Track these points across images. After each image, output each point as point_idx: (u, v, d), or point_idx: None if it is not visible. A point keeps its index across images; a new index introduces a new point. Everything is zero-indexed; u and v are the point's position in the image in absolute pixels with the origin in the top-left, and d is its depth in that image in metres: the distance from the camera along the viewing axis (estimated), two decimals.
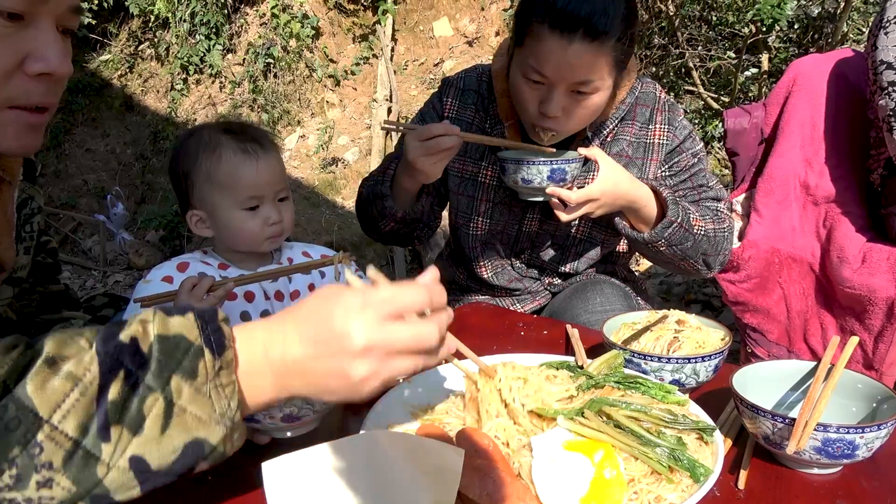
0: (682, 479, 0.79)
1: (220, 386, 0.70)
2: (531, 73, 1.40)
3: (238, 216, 1.36)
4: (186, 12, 5.90)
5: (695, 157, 1.60)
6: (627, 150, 1.59)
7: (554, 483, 0.78)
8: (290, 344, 0.72)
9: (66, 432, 0.64)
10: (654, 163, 1.58)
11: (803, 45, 4.46)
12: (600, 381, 0.98)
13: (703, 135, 4.71)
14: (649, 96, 1.61)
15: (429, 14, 6.18)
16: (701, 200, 1.60)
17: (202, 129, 1.41)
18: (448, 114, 1.65)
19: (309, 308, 0.73)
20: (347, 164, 5.48)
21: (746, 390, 0.90)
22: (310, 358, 0.72)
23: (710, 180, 1.61)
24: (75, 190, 5.88)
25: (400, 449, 0.77)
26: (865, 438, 0.81)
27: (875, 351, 1.73)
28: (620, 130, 1.59)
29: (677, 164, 1.60)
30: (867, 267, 1.72)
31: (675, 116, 1.60)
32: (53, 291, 1.09)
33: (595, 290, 1.52)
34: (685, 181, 1.60)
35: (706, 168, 1.63)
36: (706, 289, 3.47)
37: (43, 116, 0.83)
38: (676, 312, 1.17)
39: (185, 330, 0.70)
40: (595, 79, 1.38)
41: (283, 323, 0.74)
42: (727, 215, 1.60)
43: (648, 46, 5.03)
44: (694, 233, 1.49)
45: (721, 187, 1.63)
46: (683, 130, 1.60)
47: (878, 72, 1.65)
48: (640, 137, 1.59)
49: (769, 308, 1.95)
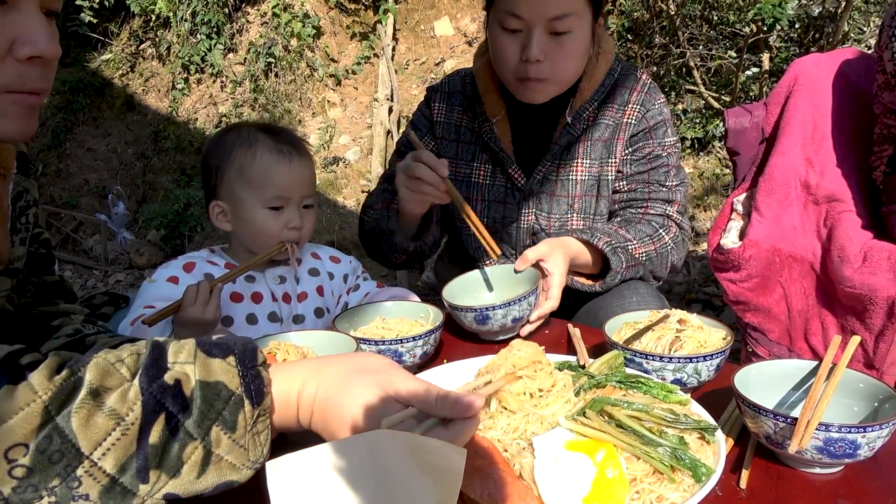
0: (683, 479, 0.79)
1: (256, 434, 0.72)
2: (508, 21, 1.42)
3: (261, 214, 1.38)
4: (188, 11, 5.91)
5: (662, 148, 1.58)
6: (605, 134, 1.59)
7: (556, 483, 0.78)
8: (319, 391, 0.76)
9: (105, 469, 0.65)
10: (620, 142, 1.58)
11: (804, 45, 4.46)
12: (602, 381, 0.98)
13: (703, 134, 4.70)
14: (630, 78, 1.61)
15: (430, 13, 6.18)
16: (650, 201, 1.57)
17: (241, 127, 1.44)
18: (437, 117, 1.67)
19: (342, 391, 0.76)
20: (348, 164, 5.48)
21: (748, 390, 0.90)
22: (332, 432, 0.76)
23: (669, 178, 1.59)
24: (76, 189, 5.88)
25: (402, 448, 0.77)
26: (867, 438, 0.81)
27: (876, 350, 1.73)
28: (601, 114, 1.59)
29: (640, 149, 1.58)
30: (868, 266, 1.72)
31: (652, 100, 1.59)
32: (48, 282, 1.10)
33: (631, 290, 1.51)
34: (642, 173, 1.58)
35: (672, 164, 1.60)
36: (707, 288, 3.47)
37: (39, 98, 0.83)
38: (678, 312, 1.17)
39: (226, 377, 0.71)
40: (569, 11, 1.40)
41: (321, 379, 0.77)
42: (675, 222, 1.58)
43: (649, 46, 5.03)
44: (640, 261, 1.50)
45: (679, 188, 1.60)
46: (658, 116, 1.59)
47: None
48: (615, 119, 1.59)
49: (770, 307, 1.95)
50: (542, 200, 1.62)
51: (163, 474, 0.67)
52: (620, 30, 5.28)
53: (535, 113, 1.59)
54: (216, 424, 0.69)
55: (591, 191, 1.61)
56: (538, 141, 1.61)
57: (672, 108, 4.89)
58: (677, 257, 1.60)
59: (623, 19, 5.30)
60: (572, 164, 1.59)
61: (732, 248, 1.94)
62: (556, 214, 1.61)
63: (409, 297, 1.47)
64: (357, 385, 0.75)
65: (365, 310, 1.30)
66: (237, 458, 0.71)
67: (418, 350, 1.14)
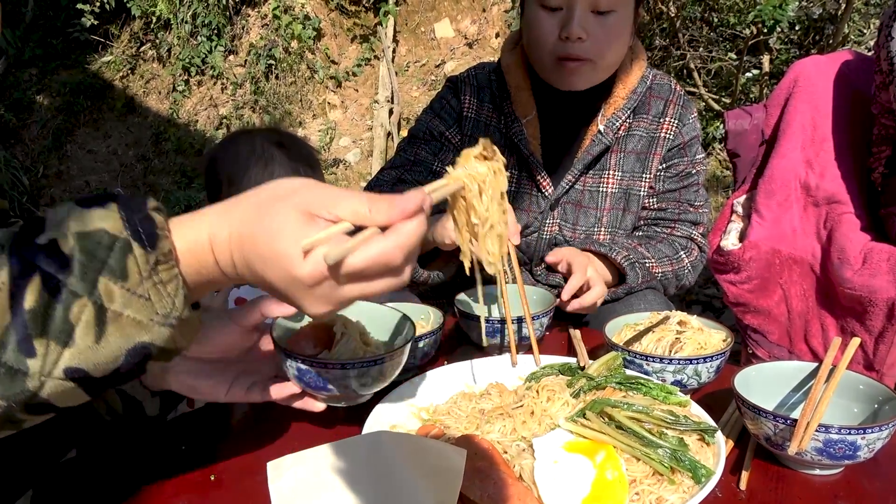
0: (683, 480, 0.79)
1: (160, 284, 0.61)
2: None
3: None
4: (188, 14, 5.91)
5: (693, 166, 1.56)
6: (638, 146, 1.54)
7: (556, 484, 0.78)
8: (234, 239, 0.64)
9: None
10: (657, 157, 1.54)
11: (804, 47, 4.46)
12: (601, 383, 0.98)
13: (704, 136, 4.71)
14: (664, 88, 1.56)
15: (430, 15, 6.19)
16: (678, 221, 1.55)
17: (254, 136, 1.41)
18: (467, 112, 1.58)
19: (256, 223, 0.64)
20: (349, 166, 5.48)
21: (748, 391, 0.90)
22: (251, 276, 0.65)
23: (697, 198, 1.57)
24: (77, 191, 5.88)
25: (402, 449, 0.77)
26: (867, 439, 0.81)
27: (876, 352, 1.73)
28: (634, 124, 1.54)
29: (675, 166, 1.55)
30: (868, 268, 1.72)
31: (688, 114, 1.55)
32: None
33: (639, 296, 1.48)
34: (674, 191, 1.55)
35: (700, 182, 1.57)
36: (707, 290, 3.47)
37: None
38: (678, 314, 1.17)
39: (107, 224, 0.60)
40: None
41: (229, 214, 0.65)
42: (697, 244, 1.55)
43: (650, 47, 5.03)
44: (655, 277, 1.48)
45: (705, 211, 1.58)
46: (692, 132, 1.56)
47: (893, 62, 1.65)
48: (650, 131, 1.54)
49: (770, 309, 1.95)
50: (567, 211, 1.55)
51: (52, 343, 0.58)
52: None
53: (567, 118, 1.53)
54: (102, 275, 0.59)
55: (619, 204, 1.55)
56: (568, 148, 1.55)
57: None
58: (692, 279, 1.57)
59: None
60: (603, 175, 1.54)
61: (732, 249, 1.94)
62: (582, 226, 1.55)
63: (409, 299, 1.46)
64: (271, 214, 0.63)
65: None
66: (140, 312, 0.60)
67: (418, 351, 1.14)
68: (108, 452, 0.99)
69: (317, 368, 0.87)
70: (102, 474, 0.94)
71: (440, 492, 0.72)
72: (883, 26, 1.72)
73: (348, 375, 0.89)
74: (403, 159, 1.58)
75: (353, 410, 1.03)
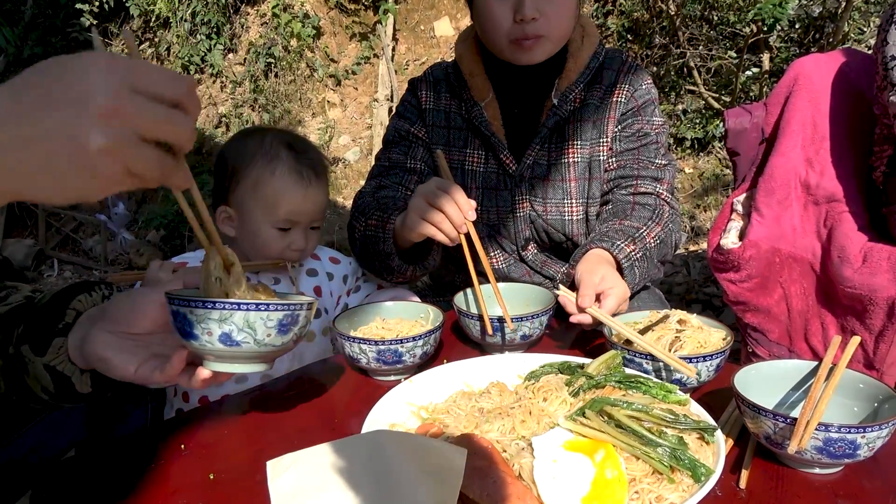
0: (683, 479, 0.79)
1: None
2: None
3: (268, 232, 1.37)
4: (187, 12, 5.91)
5: (651, 126, 1.59)
6: (594, 115, 1.59)
7: (555, 483, 0.78)
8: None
9: None
10: (611, 120, 1.58)
11: (804, 45, 4.46)
12: (601, 381, 0.98)
13: (703, 134, 4.71)
14: (616, 60, 1.62)
15: (430, 14, 6.18)
16: (639, 178, 1.55)
17: (265, 134, 1.41)
18: (426, 104, 1.65)
19: (34, 68, 0.57)
20: (348, 164, 5.48)
21: (748, 390, 0.90)
22: (28, 111, 0.54)
23: (657, 156, 1.57)
24: None
25: (402, 448, 0.77)
26: (867, 438, 0.81)
27: (876, 351, 1.73)
28: (589, 95, 1.59)
29: (629, 126, 1.58)
30: (868, 266, 1.72)
31: (639, 80, 1.60)
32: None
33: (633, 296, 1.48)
34: (632, 150, 1.58)
35: (661, 143, 1.60)
36: (707, 288, 3.47)
37: None
38: (678, 312, 1.17)
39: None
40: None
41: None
42: (664, 202, 1.54)
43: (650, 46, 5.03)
44: (652, 253, 1.43)
45: (668, 168, 1.58)
46: (646, 95, 1.60)
47: (889, 67, 1.65)
48: (604, 99, 1.59)
49: (770, 308, 1.95)
50: (535, 186, 1.59)
51: None
52: (620, 30, 5.28)
53: (523, 96, 1.59)
54: None
55: (584, 174, 1.59)
56: (527, 125, 1.60)
57: (672, 108, 4.89)
58: (677, 236, 1.59)
59: (623, 19, 5.30)
60: (564, 147, 1.58)
61: (732, 248, 1.94)
62: (552, 200, 1.59)
63: (408, 298, 1.46)
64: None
65: (365, 310, 1.30)
66: None
67: (418, 350, 1.14)
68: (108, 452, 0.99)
69: (186, 308, 0.78)
70: (102, 474, 0.94)
71: (440, 491, 0.72)
72: (881, 29, 1.72)
73: (210, 317, 0.77)
74: (380, 167, 1.64)
75: (353, 410, 1.03)
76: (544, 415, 0.93)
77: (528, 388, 0.99)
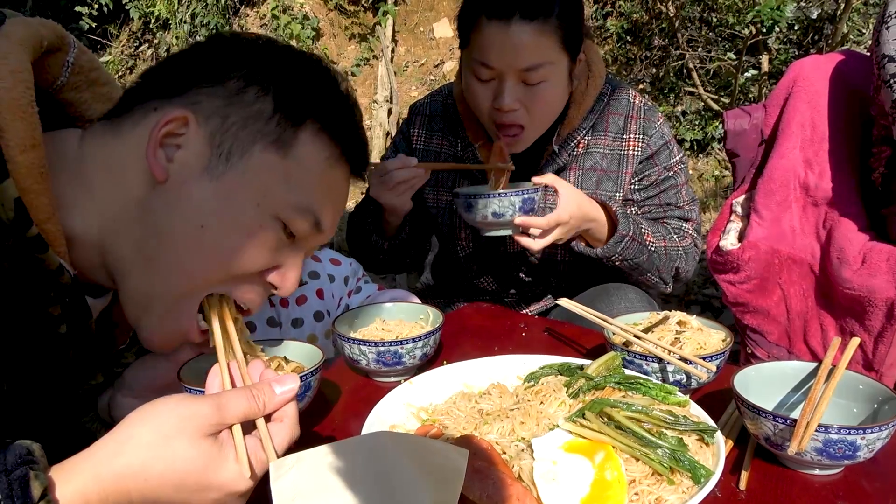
0: (682, 481, 0.79)
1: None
2: (479, 70, 1.40)
3: None
4: (187, 14, 5.91)
5: (668, 170, 1.56)
6: (602, 164, 1.55)
7: (555, 484, 0.78)
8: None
9: None
10: (628, 174, 1.55)
11: (803, 47, 4.47)
12: (601, 383, 0.98)
13: (703, 136, 4.71)
14: (622, 103, 1.57)
15: (429, 15, 6.19)
16: (666, 219, 1.57)
17: None
18: (416, 145, 1.65)
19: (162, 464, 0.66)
20: None
21: (748, 391, 0.90)
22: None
23: (680, 199, 1.57)
24: None
25: (403, 449, 0.77)
26: (867, 439, 0.81)
27: (875, 352, 1.73)
28: (593, 142, 1.55)
29: (647, 177, 1.56)
30: (867, 268, 1.72)
31: (651, 123, 1.56)
32: None
33: (619, 295, 1.49)
34: (653, 197, 1.57)
35: (681, 183, 1.58)
36: (706, 290, 3.47)
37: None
38: (678, 313, 1.17)
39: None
40: (542, 62, 1.36)
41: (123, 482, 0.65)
42: (690, 235, 1.57)
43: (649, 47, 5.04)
44: (647, 247, 1.47)
45: (693, 208, 1.59)
46: (659, 140, 1.56)
47: (882, 65, 1.66)
48: (614, 149, 1.55)
49: (769, 309, 1.95)
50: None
51: None
52: (619, 31, 5.29)
53: None
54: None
55: None
56: (524, 170, 1.56)
57: (671, 109, 4.89)
58: (685, 267, 1.57)
59: (622, 21, 5.31)
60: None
61: (731, 249, 1.94)
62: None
63: (408, 299, 1.47)
64: (180, 453, 0.66)
65: (365, 311, 1.30)
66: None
67: (418, 351, 1.14)
68: None
69: None
70: None
71: (441, 492, 0.72)
72: (875, 30, 1.73)
73: None
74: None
75: (353, 412, 1.02)
76: (544, 416, 0.93)
77: (528, 390, 1.00)
